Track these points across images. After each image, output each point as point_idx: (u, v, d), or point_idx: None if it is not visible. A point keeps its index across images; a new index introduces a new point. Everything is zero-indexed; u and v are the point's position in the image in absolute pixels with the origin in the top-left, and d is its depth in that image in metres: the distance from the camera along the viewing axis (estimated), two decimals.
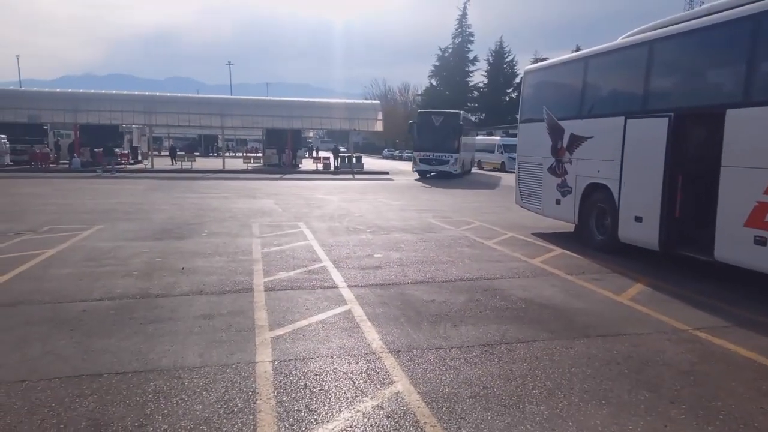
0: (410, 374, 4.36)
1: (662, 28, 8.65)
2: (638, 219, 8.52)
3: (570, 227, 11.32)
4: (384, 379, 4.28)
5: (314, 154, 55.63)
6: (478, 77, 66.30)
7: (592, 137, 9.82)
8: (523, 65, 56.16)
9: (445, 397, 3.98)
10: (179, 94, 39.66)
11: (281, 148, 38.89)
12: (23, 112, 32.84)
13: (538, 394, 4.06)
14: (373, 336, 5.23)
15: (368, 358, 4.68)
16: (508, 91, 63.54)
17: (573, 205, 10.38)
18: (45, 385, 4.09)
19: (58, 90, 37.75)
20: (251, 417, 3.65)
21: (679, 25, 8.20)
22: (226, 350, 4.82)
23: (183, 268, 7.82)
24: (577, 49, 44.97)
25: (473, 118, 49.33)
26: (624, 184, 8.87)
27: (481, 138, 43.70)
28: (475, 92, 66.09)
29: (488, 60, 64.43)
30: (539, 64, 13.37)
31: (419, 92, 77.91)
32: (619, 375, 4.44)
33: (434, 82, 67.35)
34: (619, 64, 9.56)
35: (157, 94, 38.56)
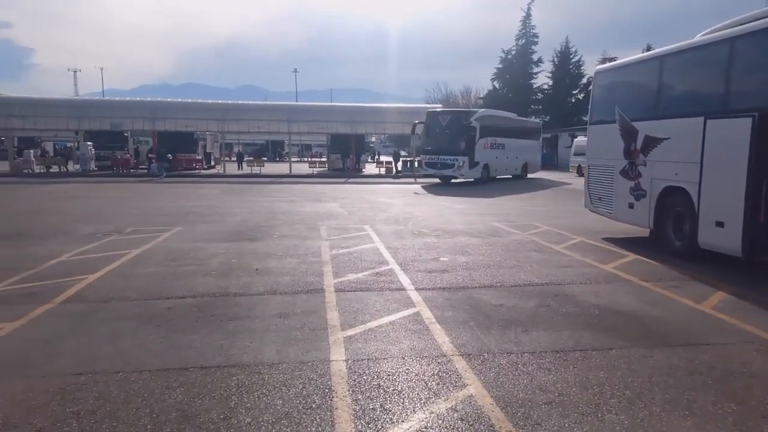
0: (482, 378, 4.37)
1: (744, 24, 8.21)
2: (719, 224, 8.11)
3: (643, 232, 10.91)
4: (456, 381, 4.31)
5: (376, 158, 56.13)
6: (543, 79, 64.78)
7: (668, 138, 9.43)
8: (591, 66, 54.28)
9: (520, 402, 3.96)
10: (249, 102, 41.17)
11: (345, 153, 39.55)
12: (106, 121, 35.24)
13: (617, 403, 3.96)
14: (443, 339, 5.26)
15: (439, 361, 4.72)
16: (574, 92, 61.67)
17: (648, 209, 9.99)
18: (137, 376, 4.38)
19: (138, 99, 40.14)
20: (329, 414, 3.77)
21: (764, 20, 7.76)
22: (302, 348, 4.99)
23: (257, 269, 8.13)
24: (648, 48, 43.08)
25: (538, 120, 47.05)
26: (704, 188, 8.46)
27: (580, 140, 40.98)
28: (540, 94, 64.63)
29: (553, 61, 62.79)
30: (610, 63, 12.97)
31: (481, 95, 77.11)
32: (703, 386, 4.26)
33: (497, 85, 66.43)
34: (698, 63, 9.15)
35: (229, 102, 40.17)
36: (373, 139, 74.28)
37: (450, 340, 5.24)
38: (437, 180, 29.29)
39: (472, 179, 27.95)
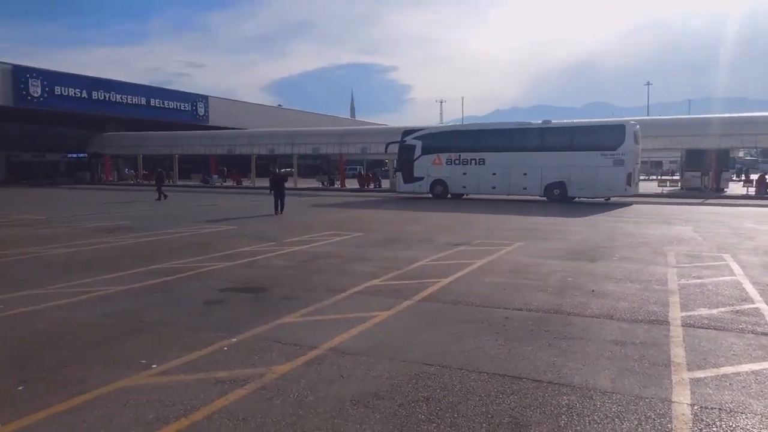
0: None
1: None
2: None
3: None
4: None
5: (743, 176, 47.18)
6: None
7: None
8: None
9: None
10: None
11: (705, 171, 34.61)
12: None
13: None
14: None
15: None
16: None
17: None
18: (476, 376, 4.84)
19: (489, 122, 43.98)
20: None
21: None
22: (639, 381, 4.70)
23: (593, 291, 7.95)
24: None
25: (614, 121, 28.29)
26: None
27: None
28: None
29: None
30: None
31: None
32: None
33: None
34: None
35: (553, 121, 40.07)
36: (740, 154, 62.89)
37: None
38: None
39: (410, 193, 29.40)
